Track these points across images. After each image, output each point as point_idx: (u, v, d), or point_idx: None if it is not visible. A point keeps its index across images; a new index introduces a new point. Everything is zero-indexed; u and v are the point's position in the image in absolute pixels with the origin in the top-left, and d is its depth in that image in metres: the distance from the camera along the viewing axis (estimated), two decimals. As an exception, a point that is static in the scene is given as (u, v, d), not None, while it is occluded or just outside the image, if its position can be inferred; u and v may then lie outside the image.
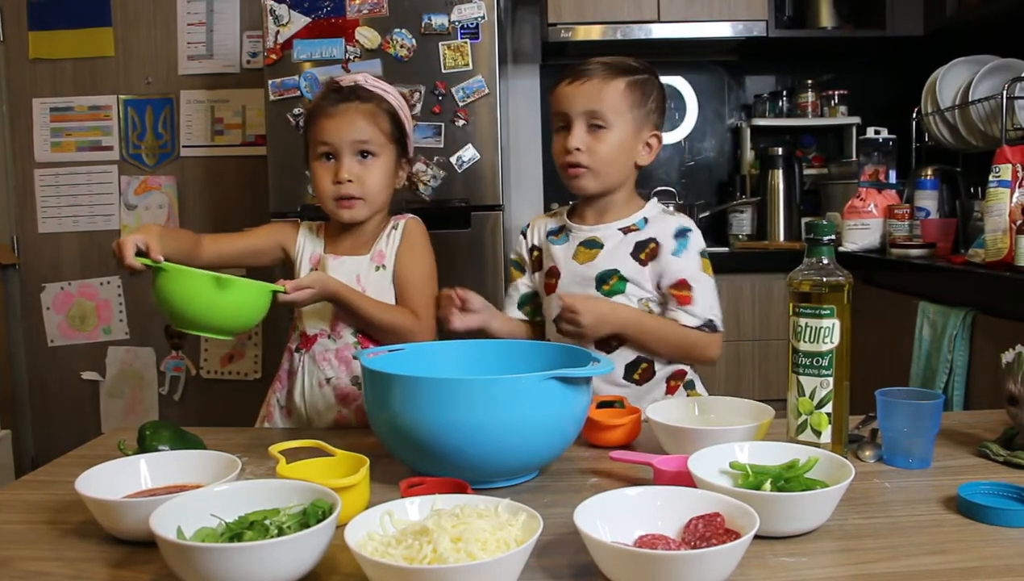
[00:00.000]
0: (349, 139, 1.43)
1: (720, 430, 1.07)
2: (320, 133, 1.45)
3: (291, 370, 1.51)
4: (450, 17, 2.51)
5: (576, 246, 1.50)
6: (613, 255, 1.46)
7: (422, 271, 1.51)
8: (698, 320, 1.42)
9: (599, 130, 1.42)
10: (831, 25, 3.14)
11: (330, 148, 1.44)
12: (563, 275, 1.50)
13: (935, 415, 1.07)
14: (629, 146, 1.45)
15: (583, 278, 1.47)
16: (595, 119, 1.42)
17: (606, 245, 1.48)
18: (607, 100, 1.42)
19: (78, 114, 3.25)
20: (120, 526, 0.88)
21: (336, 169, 1.44)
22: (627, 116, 1.43)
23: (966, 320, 2.00)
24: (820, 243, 1.07)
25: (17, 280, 3.30)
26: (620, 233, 1.48)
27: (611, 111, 1.42)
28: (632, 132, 1.44)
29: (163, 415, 3.28)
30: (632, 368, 1.45)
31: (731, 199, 3.30)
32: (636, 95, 1.43)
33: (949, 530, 0.88)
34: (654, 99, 1.47)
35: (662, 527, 0.83)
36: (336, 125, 1.43)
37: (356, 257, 1.50)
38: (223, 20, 3.21)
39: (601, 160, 1.43)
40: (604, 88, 1.42)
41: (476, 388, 0.98)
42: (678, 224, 1.47)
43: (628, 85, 1.43)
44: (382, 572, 0.71)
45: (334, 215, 1.48)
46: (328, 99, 1.46)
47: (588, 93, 1.42)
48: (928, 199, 2.60)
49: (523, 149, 3.41)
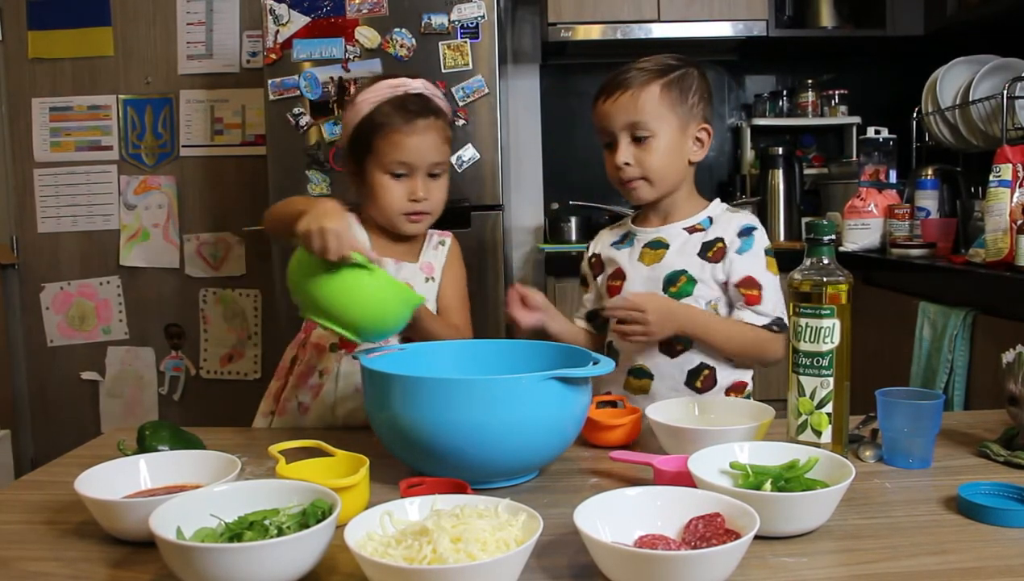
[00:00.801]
0: (429, 161, 1.41)
1: (720, 430, 1.07)
2: (396, 151, 1.39)
3: (323, 369, 1.47)
4: (450, 17, 2.51)
5: (641, 248, 1.47)
6: (680, 255, 1.43)
7: (465, 289, 1.54)
8: (766, 318, 1.38)
9: (644, 140, 1.39)
10: (831, 25, 3.14)
11: (407, 167, 1.40)
12: (629, 277, 1.47)
13: (935, 415, 1.07)
14: (678, 148, 1.41)
15: (650, 279, 1.44)
16: (638, 130, 1.39)
17: (672, 245, 1.45)
18: (645, 109, 1.38)
19: (77, 114, 3.25)
20: (120, 526, 0.88)
21: (411, 187, 1.41)
22: (670, 118, 1.39)
23: (966, 320, 2.00)
24: (820, 243, 1.06)
25: (16, 280, 3.30)
26: (685, 233, 1.45)
27: (652, 118, 1.38)
28: (678, 133, 1.41)
29: (163, 415, 3.28)
30: (695, 375, 1.42)
31: (731, 199, 3.30)
32: (674, 94, 1.40)
33: (949, 530, 0.88)
34: (695, 92, 1.42)
35: (662, 527, 0.82)
36: (416, 145, 1.39)
37: (410, 264, 1.49)
38: (223, 20, 3.21)
39: (653, 170, 1.40)
40: (640, 97, 1.38)
41: (476, 388, 0.98)
42: (743, 222, 1.44)
43: (664, 87, 1.39)
44: (382, 572, 0.71)
45: (397, 227, 1.44)
46: (401, 114, 1.40)
47: (625, 106, 1.39)
48: (928, 199, 2.60)
49: (523, 149, 3.41)
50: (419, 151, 1.40)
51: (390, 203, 1.42)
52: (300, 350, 1.54)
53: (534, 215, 3.45)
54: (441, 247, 1.54)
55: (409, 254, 1.51)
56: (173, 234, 3.28)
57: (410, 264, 1.50)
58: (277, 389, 1.54)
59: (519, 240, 3.42)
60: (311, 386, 1.48)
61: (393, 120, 1.40)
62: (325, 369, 1.47)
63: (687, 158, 1.44)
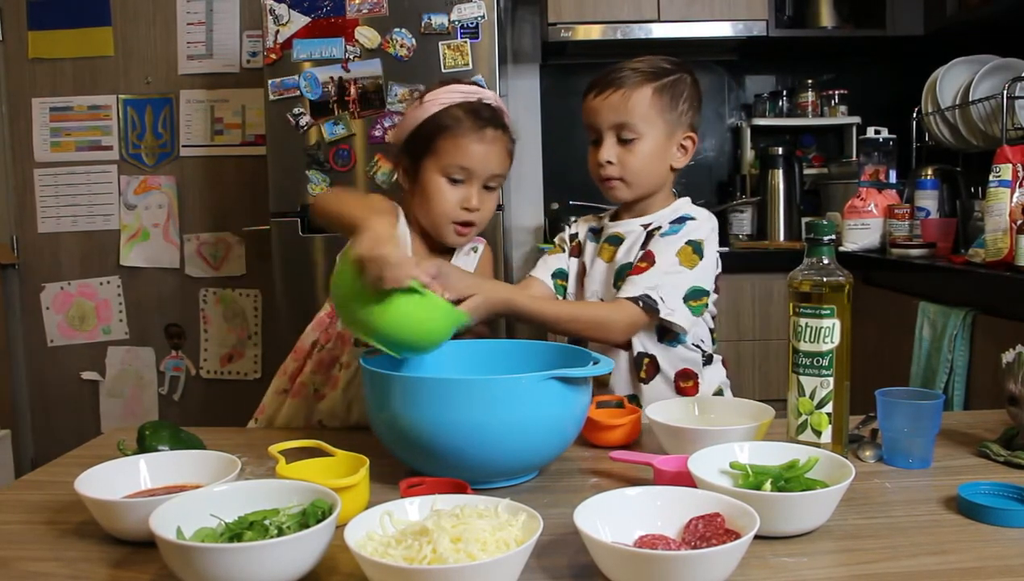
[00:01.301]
0: (490, 172, 1.39)
1: (720, 430, 1.07)
2: (460, 155, 1.37)
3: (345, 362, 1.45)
4: (450, 17, 2.51)
5: (601, 243, 1.49)
6: (630, 250, 1.44)
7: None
8: (636, 291, 1.32)
9: (630, 142, 1.39)
10: (831, 25, 3.14)
11: (467, 174, 1.38)
12: (589, 272, 1.49)
13: (935, 415, 1.07)
14: (662, 153, 1.41)
15: (607, 275, 1.46)
16: (624, 131, 1.39)
17: (626, 241, 1.46)
18: (635, 110, 1.38)
19: (77, 114, 3.25)
20: (120, 526, 0.88)
21: (466, 195, 1.38)
22: (658, 123, 1.39)
23: (966, 320, 2.00)
24: (820, 243, 1.06)
25: (17, 280, 3.30)
26: (641, 229, 1.45)
27: (640, 121, 1.38)
28: (664, 138, 1.40)
29: (163, 415, 3.28)
30: (638, 365, 1.41)
31: (731, 199, 3.30)
32: (665, 99, 1.39)
33: (949, 530, 0.87)
34: (686, 99, 1.41)
35: (662, 527, 0.82)
36: (482, 153, 1.38)
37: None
38: (223, 20, 3.21)
39: (633, 171, 1.40)
40: (631, 98, 1.38)
41: (475, 388, 0.98)
42: (684, 212, 1.43)
43: (656, 91, 1.38)
44: (382, 572, 0.71)
45: (442, 234, 1.41)
46: (472, 119, 1.38)
47: (615, 105, 1.38)
48: (928, 199, 2.60)
49: (523, 149, 3.38)
50: (483, 159, 1.38)
51: (443, 208, 1.39)
52: (323, 334, 1.51)
53: (534, 215, 3.45)
54: (473, 254, 1.51)
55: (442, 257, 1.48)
56: (173, 234, 3.28)
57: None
58: (294, 370, 1.51)
59: (519, 240, 3.42)
60: (331, 376, 1.46)
61: (463, 124, 1.37)
62: (347, 362, 1.45)
63: (669, 164, 1.44)
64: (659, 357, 1.41)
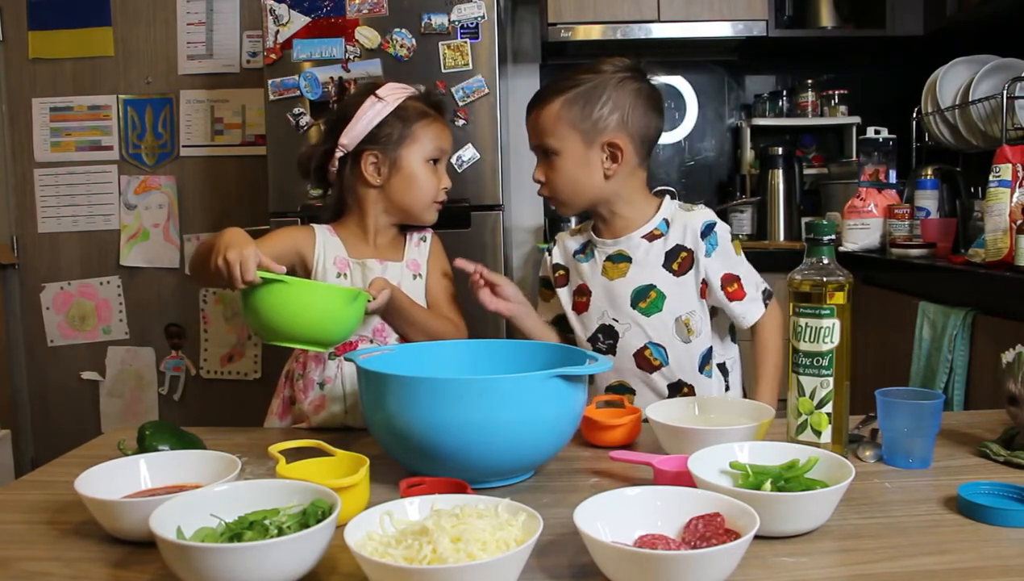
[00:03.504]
0: (449, 149, 1.52)
1: (720, 430, 1.07)
2: (440, 138, 1.49)
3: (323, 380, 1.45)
4: (450, 17, 2.51)
5: (603, 262, 1.46)
6: (645, 268, 1.42)
7: (452, 281, 1.56)
8: (758, 301, 1.43)
9: (552, 158, 1.40)
10: (831, 25, 3.14)
11: (443, 154, 1.50)
12: (594, 293, 1.46)
13: (935, 415, 1.07)
14: (583, 164, 1.38)
15: (617, 294, 1.43)
16: (546, 149, 1.41)
17: (635, 257, 1.43)
18: (546, 128, 1.39)
19: (78, 114, 3.25)
20: (120, 526, 0.88)
21: (441, 175, 1.50)
22: (572, 135, 1.37)
23: (966, 320, 2.00)
24: (820, 243, 1.06)
25: (17, 280, 3.30)
26: (645, 242, 1.43)
27: (553, 138, 1.39)
28: (582, 149, 1.38)
29: (163, 415, 3.28)
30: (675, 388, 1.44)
31: (731, 199, 3.31)
32: (575, 109, 1.37)
33: (949, 530, 0.88)
34: (605, 104, 1.37)
35: (662, 527, 0.82)
36: (448, 135, 1.51)
37: (395, 263, 1.50)
38: (223, 20, 3.21)
39: (558, 188, 1.42)
40: (541, 116, 1.40)
41: (472, 388, 0.98)
42: (701, 221, 1.41)
43: (563, 104, 1.37)
44: (382, 572, 0.71)
45: (423, 215, 1.50)
46: (435, 107, 1.51)
47: (533, 126, 1.43)
48: (928, 199, 2.60)
49: (523, 149, 3.36)
50: (450, 139, 1.52)
51: (429, 190, 1.48)
52: (295, 364, 1.52)
53: (534, 215, 3.45)
54: (423, 243, 1.56)
55: (394, 254, 1.52)
56: (173, 234, 3.28)
57: (395, 263, 1.50)
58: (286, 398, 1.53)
59: (519, 240, 3.42)
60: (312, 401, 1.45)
61: (428, 109, 1.49)
62: (326, 379, 1.46)
63: (600, 174, 1.40)
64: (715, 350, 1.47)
